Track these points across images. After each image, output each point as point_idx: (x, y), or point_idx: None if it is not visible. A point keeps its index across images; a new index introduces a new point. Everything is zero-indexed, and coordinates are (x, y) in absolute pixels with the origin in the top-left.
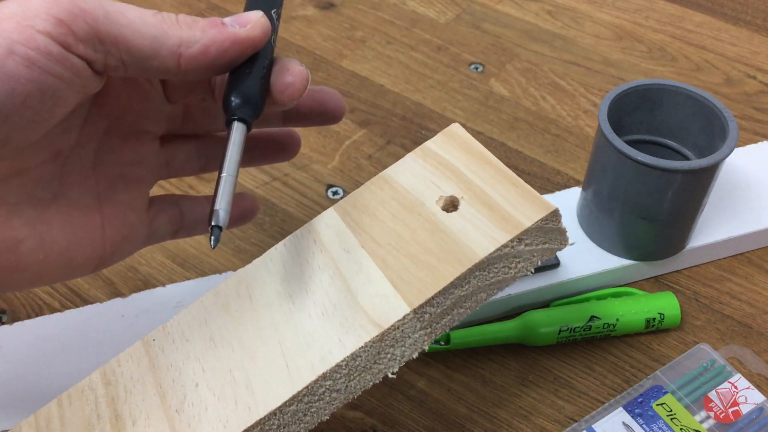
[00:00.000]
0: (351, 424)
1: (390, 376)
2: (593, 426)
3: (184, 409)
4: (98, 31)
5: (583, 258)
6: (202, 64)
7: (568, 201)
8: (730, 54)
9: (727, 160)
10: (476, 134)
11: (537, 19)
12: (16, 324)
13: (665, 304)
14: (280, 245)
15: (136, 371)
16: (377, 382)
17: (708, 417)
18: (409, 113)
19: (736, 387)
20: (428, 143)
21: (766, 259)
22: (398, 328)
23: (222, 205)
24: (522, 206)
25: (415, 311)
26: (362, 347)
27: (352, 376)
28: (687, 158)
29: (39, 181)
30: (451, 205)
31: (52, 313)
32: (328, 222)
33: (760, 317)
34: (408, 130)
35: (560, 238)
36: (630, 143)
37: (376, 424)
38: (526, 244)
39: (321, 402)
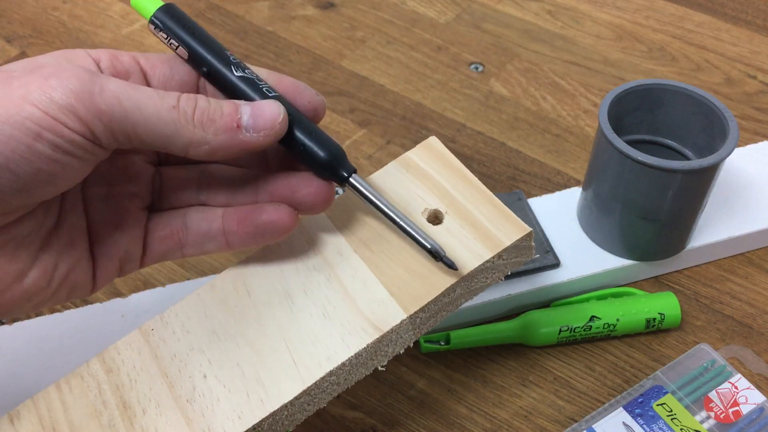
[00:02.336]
0: (351, 424)
1: (380, 368)
2: (593, 426)
3: (195, 399)
4: (113, 130)
5: (583, 258)
6: (207, 159)
7: (568, 201)
8: (731, 54)
9: (727, 160)
10: (476, 134)
11: (537, 19)
12: (16, 324)
13: (665, 304)
14: (274, 245)
15: (137, 360)
16: (369, 373)
17: (708, 417)
18: (409, 113)
19: (736, 387)
20: (409, 154)
21: (766, 259)
22: (395, 331)
23: (428, 240)
24: (502, 226)
25: (410, 317)
26: (364, 348)
27: (351, 371)
28: (687, 158)
29: (45, 214)
30: (435, 217)
31: (52, 313)
32: (320, 224)
33: (761, 317)
34: (408, 130)
35: (529, 252)
36: (630, 143)
37: (376, 424)
38: (503, 259)
39: (324, 393)
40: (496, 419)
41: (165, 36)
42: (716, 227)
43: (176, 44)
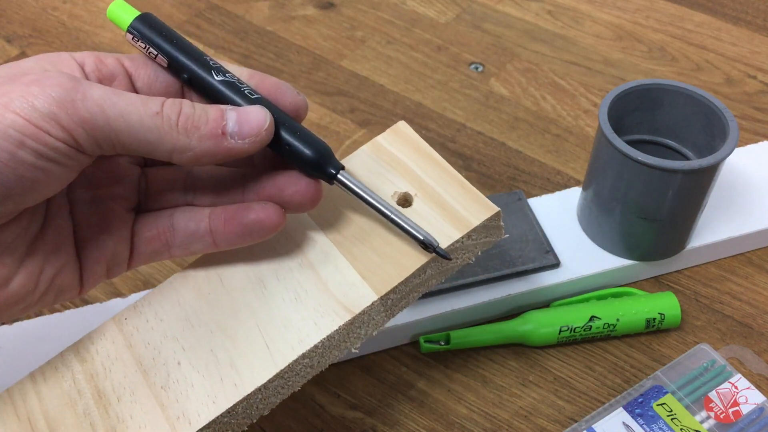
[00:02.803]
0: (351, 424)
1: (353, 351)
2: (593, 426)
3: (170, 385)
4: (96, 138)
5: (583, 258)
6: (192, 165)
7: (568, 201)
8: (731, 54)
9: (727, 160)
10: (476, 134)
11: (537, 19)
12: (16, 324)
13: (665, 304)
14: None
15: (111, 349)
16: (342, 356)
17: (708, 417)
18: (409, 113)
19: (736, 387)
20: (379, 139)
21: (766, 259)
22: (366, 312)
23: (422, 232)
24: (470, 206)
25: (381, 298)
26: (336, 330)
27: (324, 354)
28: (687, 158)
29: (30, 219)
30: (405, 200)
31: (53, 313)
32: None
33: (761, 317)
34: None
35: (498, 232)
36: (630, 143)
37: (376, 424)
38: (472, 239)
39: (297, 377)
40: (496, 419)
41: (143, 46)
42: (716, 227)
43: (155, 53)
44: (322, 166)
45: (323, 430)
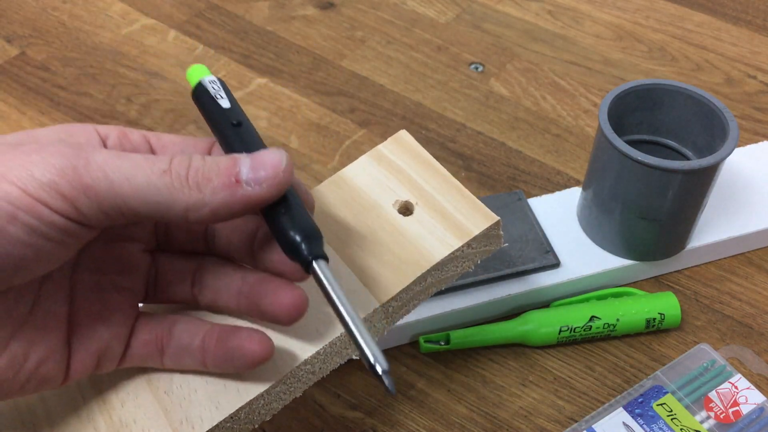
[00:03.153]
0: (351, 424)
1: (354, 357)
2: (593, 426)
3: (173, 390)
4: (102, 205)
5: (583, 258)
6: (212, 222)
7: (568, 201)
8: (731, 54)
9: (727, 160)
10: (476, 134)
11: (537, 19)
12: None
13: (665, 304)
14: None
15: None
16: (343, 362)
17: (708, 417)
18: (409, 113)
19: (736, 387)
20: (380, 147)
21: (766, 259)
22: (367, 320)
23: (374, 351)
24: (470, 215)
25: (382, 306)
26: (338, 337)
27: (326, 360)
28: (687, 158)
29: (18, 298)
30: (405, 209)
31: None
32: None
33: (761, 317)
34: (408, 130)
35: (498, 241)
36: (630, 143)
37: (376, 424)
38: (473, 248)
39: (299, 383)
40: (496, 419)
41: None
42: (716, 227)
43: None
44: (300, 247)
45: (323, 430)
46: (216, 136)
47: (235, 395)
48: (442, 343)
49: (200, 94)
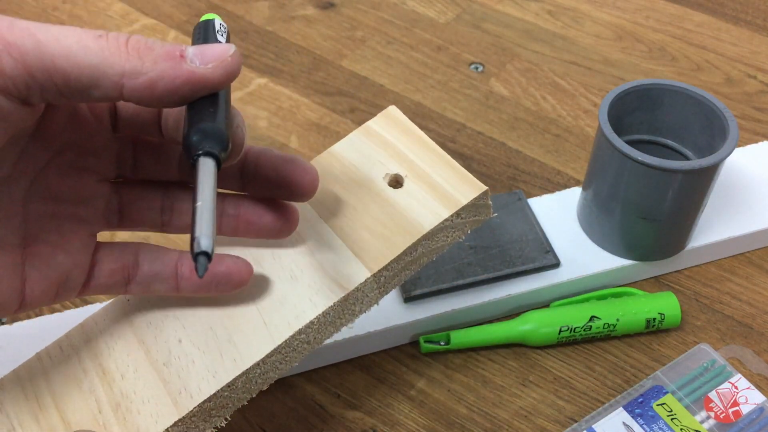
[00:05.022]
0: (351, 424)
1: (348, 327)
2: (593, 426)
3: (171, 362)
4: (27, 65)
5: (583, 258)
6: (147, 97)
7: (568, 201)
8: (731, 54)
9: (727, 160)
10: (476, 134)
11: (537, 19)
12: (16, 324)
13: (665, 304)
14: None
15: (115, 329)
16: (337, 332)
17: (708, 417)
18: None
19: (736, 387)
20: (370, 123)
21: (766, 259)
22: (360, 289)
23: (203, 231)
24: (458, 186)
25: (374, 275)
26: (331, 306)
27: (320, 330)
28: (687, 158)
29: None
30: (395, 182)
31: (52, 313)
32: None
33: (761, 317)
34: None
35: (487, 211)
36: (630, 143)
37: (376, 424)
38: (462, 218)
39: (295, 352)
40: (496, 419)
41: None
42: (716, 227)
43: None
44: (190, 143)
45: (323, 430)
46: None
47: (232, 365)
48: (442, 343)
49: (205, 25)
